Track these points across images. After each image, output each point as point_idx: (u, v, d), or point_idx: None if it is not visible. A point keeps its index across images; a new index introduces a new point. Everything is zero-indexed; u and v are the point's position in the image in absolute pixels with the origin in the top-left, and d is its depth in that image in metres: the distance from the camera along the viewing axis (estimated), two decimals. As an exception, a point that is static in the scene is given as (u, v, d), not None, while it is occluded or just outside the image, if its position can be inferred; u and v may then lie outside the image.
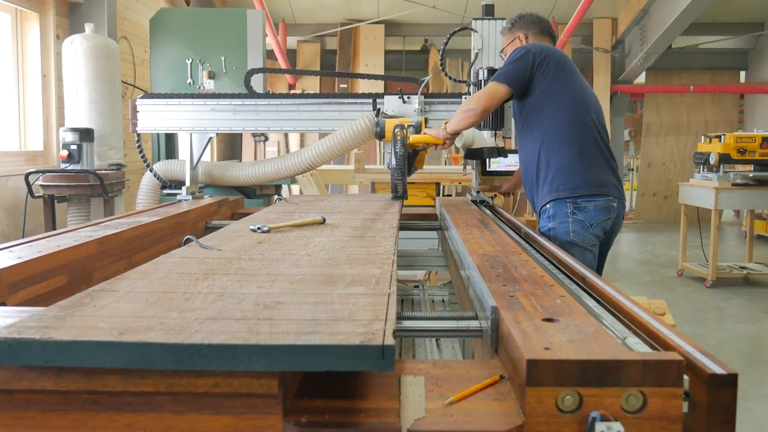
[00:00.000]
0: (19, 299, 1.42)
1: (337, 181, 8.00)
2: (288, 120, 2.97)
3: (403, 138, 2.42)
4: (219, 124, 3.01)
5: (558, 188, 2.43)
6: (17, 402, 0.83)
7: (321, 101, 2.96)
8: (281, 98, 2.98)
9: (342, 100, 2.97)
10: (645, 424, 0.79)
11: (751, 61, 10.82)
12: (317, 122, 2.98)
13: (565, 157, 2.45)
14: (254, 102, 2.99)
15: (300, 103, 2.95)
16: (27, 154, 5.09)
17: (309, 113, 2.95)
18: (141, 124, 3.06)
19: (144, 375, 0.81)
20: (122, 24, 6.08)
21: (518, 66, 2.45)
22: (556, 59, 2.50)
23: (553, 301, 1.10)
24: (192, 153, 3.06)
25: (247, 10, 5.04)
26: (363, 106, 2.92)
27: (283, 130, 3.00)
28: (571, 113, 2.47)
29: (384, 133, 2.61)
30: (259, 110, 2.98)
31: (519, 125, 2.61)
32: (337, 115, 2.95)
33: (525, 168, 2.60)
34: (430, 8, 9.03)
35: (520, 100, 2.54)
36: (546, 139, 2.47)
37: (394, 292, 1.05)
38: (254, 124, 3.01)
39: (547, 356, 0.81)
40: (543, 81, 2.47)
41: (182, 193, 3.02)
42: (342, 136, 2.74)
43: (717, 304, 5.55)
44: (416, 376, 0.93)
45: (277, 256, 1.40)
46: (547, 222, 2.45)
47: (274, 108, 2.97)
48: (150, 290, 1.07)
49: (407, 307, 2.53)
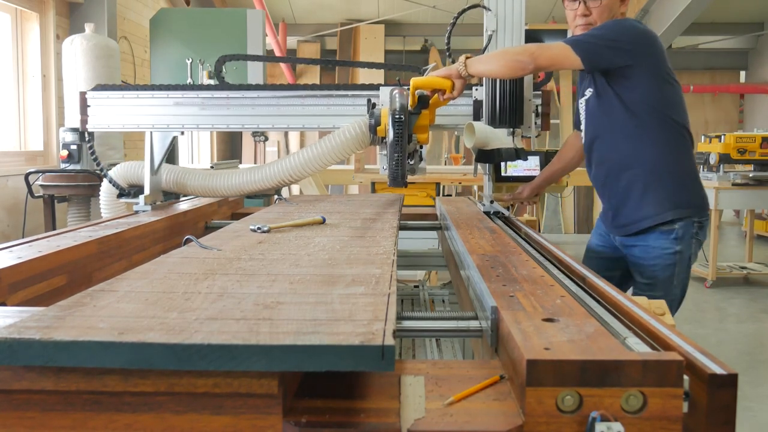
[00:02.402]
0: (19, 299, 1.42)
1: (337, 181, 8.00)
2: (266, 116, 2.49)
3: (403, 106, 1.85)
4: (185, 120, 2.51)
5: (685, 204, 2.09)
6: (17, 402, 0.83)
7: (305, 93, 2.46)
8: (258, 90, 2.49)
9: (330, 92, 2.46)
10: (645, 424, 0.79)
11: (751, 61, 10.82)
12: (301, 119, 2.49)
13: (688, 167, 2.14)
14: (226, 95, 2.49)
15: (281, 96, 2.47)
16: (27, 154, 5.09)
17: (291, 108, 2.47)
18: (92, 121, 2.55)
19: (144, 375, 0.81)
20: (122, 24, 6.08)
21: (612, 42, 2.04)
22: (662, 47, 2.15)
23: (553, 301, 1.10)
24: (153, 155, 2.56)
25: (247, 10, 5.05)
26: (354, 100, 2.45)
27: (261, 127, 2.52)
28: (686, 117, 2.18)
29: (379, 123, 2.07)
30: (231, 104, 2.49)
31: (611, 114, 2.16)
32: (324, 110, 2.46)
33: (611, 172, 2.20)
34: (430, 8, 9.03)
35: (619, 82, 2.12)
36: (669, 142, 2.11)
37: (394, 292, 1.05)
38: (226, 120, 2.52)
39: (547, 356, 0.81)
40: (655, 69, 2.10)
41: (140, 203, 2.52)
42: (328, 145, 2.19)
43: (717, 304, 5.55)
44: (416, 376, 0.93)
45: (277, 256, 1.40)
46: (673, 244, 2.10)
47: (250, 102, 2.48)
48: (150, 290, 1.07)
49: (407, 307, 2.54)
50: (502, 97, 2.10)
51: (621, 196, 2.19)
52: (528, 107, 2.19)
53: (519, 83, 2.11)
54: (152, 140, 2.55)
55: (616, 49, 2.05)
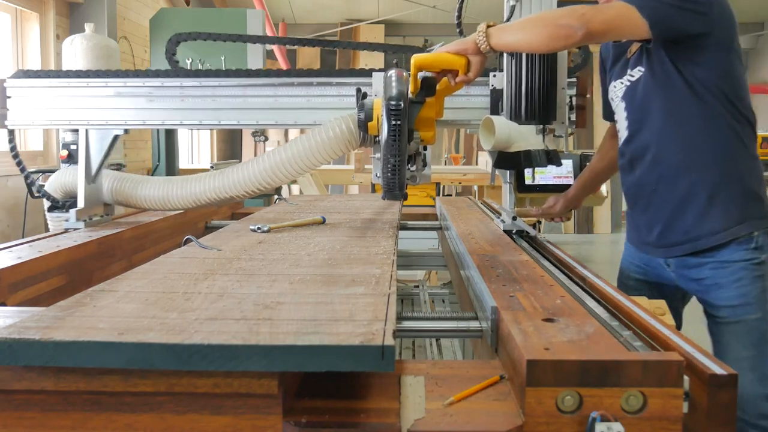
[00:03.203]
0: (19, 299, 1.42)
1: (337, 181, 8.00)
2: (231, 110, 2.00)
3: (402, 93, 1.40)
4: (128, 115, 2.02)
5: (758, 215, 1.68)
6: (17, 402, 0.83)
7: (279, 81, 1.97)
8: (220, 77, 1.99)
9: (310, 79, 1.97)
10: (645, 424, 0.79)
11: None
12: (274, 113, 1.99)
13: (757, 169, 1.73)
14: (179, 83, 1.99)
15: (248, 84, 1.98)
16: (27, 154, 5.09)
17: (262, 99, 1.98)
18: (13, 116, 2.05)
19: (144, 375, 0.81)
20: (122, 24, 6.08)
21: (687, 2, 1.56)
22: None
23: (553, 301, 1.10)
24: (88, 159, 2.05)
25: (247, 10, 5.05)
26: (341, 89, 1.97)
27: (223, 124, 2.01)
28: (751, 107, 1.75)
29: (371, 117, 1.55)
30: (187, 95, 2.00)
31: (672, 100, 1.68)
32: (303, 102, 1.97)
33: (665, 176, 1.71)
34: (430, 8, 9.03)
35: (687, 58, 1.64)
36: (740, 139, 1.68)
37: (394, 292, 1.05)
38: (179, 115, 2.01)
39: (547, 356, 0.81)
40: (730, 43, 1.66)
41: (70, 219, 2.00)
42: (303, 146, 1.71)
43: (717, 304, 5.53)
44: (416, 377, 0.93)
45: (277, 256, 1.40)
46: (757, 254, 1.66)
47: (211, 92, 1.99)
48: (150, 290, 1.07)
49: (407, 307, 2.53)
50: (529, 84, 1.61)
51: (676, 207, 1.70)
52: (562, 98, 1.68)
53: (551, 66, 1.61)
54: (88, 140, 2.06)
55: (692, 13, 1.57)
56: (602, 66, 1.95)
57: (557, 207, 2.04)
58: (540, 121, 1.64)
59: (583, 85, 1.85)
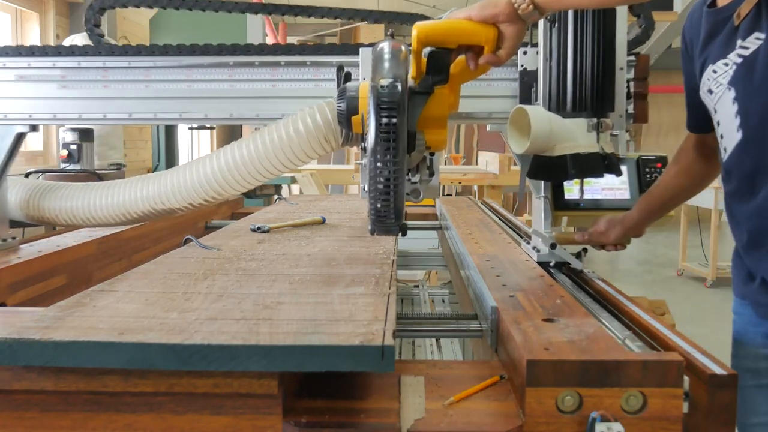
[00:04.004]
0: (19, 299, 1.42)
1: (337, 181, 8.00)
2: (171, 99, 1.52)
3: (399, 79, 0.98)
4: (33, 107, 1.57)
5: None
6: (17, 402, 0.83)
7: (235, 60, 1.50)
8: (156, 57, 1.52)
9: (277, 58, 1.50)
10: (645, 424, 0.79)
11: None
12: (229, 104, 1.52)
13: None
14: (101, 62, 1.52)
15: (193, 64, 1.50)
16: (27, 154, 5.09)
17: (213, 85, 1.51)
18: None
19: (144, 375, 0.81)
20: (122, 24, 6.08)
21: None
22: None
23: (553, 301, 1.10)
24: None
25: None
26: (318, 72, 1.50)
27: (160, 117, 1.55)
28: None
29: (356, 108, 1.10)
30: (112, 79, 1.53)
31: None
32: (267, 89, 1.50)
33: None
34: (430, 8, 9.03)
35: None
36: None
37: (394, 293, 1.06)
38: (102, 107, 1.55)
39: (547, 356, 0.81)
40: None
41: None
42: (258, 148, 1.29)
43: (717, 304, 5.55)
44: (416, 377, 0.93)
45: (277, 256, 1.40)
46: None
47: (143, 75, 1.52)
48: (150, 290, 1.07)
49: (407, 307, 2.54)
50: (581, 62, 1.19)
51: None
52: (621, 82, 1.29)
53: (609, 37, 1.21)
54: None
55: None
56: (685, 54, 1.37)
57: (612, 234, 1.40)
58: (593, 112, 1.21)
59: (644, 64, 1.39)
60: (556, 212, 1.50)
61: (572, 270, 1.42)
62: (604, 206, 1.55)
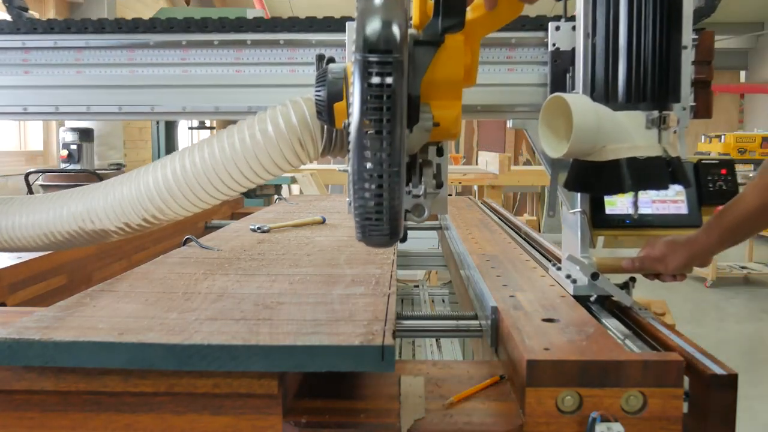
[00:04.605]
0: (19, 299, 1.42)
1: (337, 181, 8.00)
2: (110, 88, 1.22)
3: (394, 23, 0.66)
4: None
5: None
6: (17, 402, 0.83)
7: (189, 39, 1.20)
8: (89, 35, 1.22)
9: (243, 36, 1.19)
10: (645, 424, 0.79)
11: (751, 61, 10.83)
12: (182, 94, 1.21)
13: None
14: (21, 42, 1.21)
15: (137, 43, 1.22)
16: (27, 154, 5.09)
17: (162, 70, 1.21)
18: None
19: (144, 375, 0.81)
20: (122, 24, 6.09)
21: None
22: None
23: (553, 301, 1.10)
24: None
25: (247, 10, 5.05)
26: (294, 53, 1.19)
27: (93, 112, 1.23)
28: None
29: (340, 93, 0.80)
30: (34, 63, 1.23)
31: None
32: (230, 75, 1.20)
33: None
34: None
35: None
36: None
37: (394, 292, 1.06)
38: (22, 98, 1.24)
39: (547, 356, 0.81)
40: None
41: None
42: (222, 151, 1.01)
43: (717, 304, 5.55)
44: (416, 377, 0.93)
45: (276, 256, 1.40)
46: None
47: (74, 58, 1.22)
48: (150, 290, 1.07)
49: (407, 307, 2.53)
50: (637, 36, 0.90)
51: None
52: (687, 64, 1.02)
53: (675, 4, 0.90)
54: None
55: None
56: None
57: (672, 261, 1.12)
58: (654, 104, 0.91)
59: (709, 43, 1.13)
60: (594, 231, 1.17)
61: (617, 306, 1.12)
62: (657, 224, 1.20)
